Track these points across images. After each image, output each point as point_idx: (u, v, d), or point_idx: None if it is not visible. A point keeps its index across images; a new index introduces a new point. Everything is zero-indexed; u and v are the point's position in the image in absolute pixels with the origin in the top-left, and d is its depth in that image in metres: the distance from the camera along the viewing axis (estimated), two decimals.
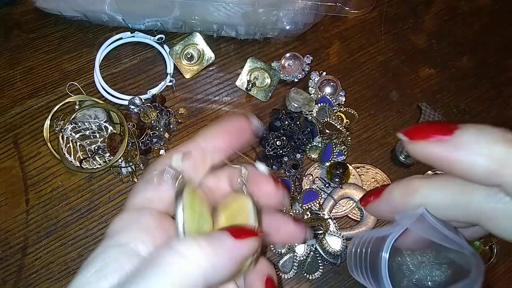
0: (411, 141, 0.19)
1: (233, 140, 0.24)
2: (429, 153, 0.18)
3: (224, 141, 0.24)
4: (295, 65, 0.53)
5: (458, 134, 0.17)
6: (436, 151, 0.18)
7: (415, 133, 0.19)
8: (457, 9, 0.62)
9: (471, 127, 0.17)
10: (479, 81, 0.58)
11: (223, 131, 0.24)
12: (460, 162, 0.17)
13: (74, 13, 0.51)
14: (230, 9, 0.47)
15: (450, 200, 0.20)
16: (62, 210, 0.47)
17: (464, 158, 0.17)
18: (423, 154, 0.19)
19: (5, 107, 0.50)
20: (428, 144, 0.18)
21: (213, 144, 0.24)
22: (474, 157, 0.17)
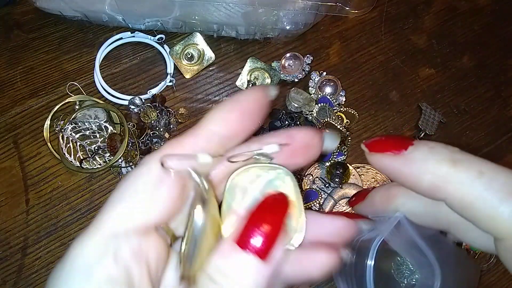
0: (370, 152, 0.21)
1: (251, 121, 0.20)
2: (383, 165, 0.20)
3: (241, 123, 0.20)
4: (295, 65, 0.53)
5: (410, 151, 0.19)
6: (389, 163, 0.20)
7: (374, 145, 0.21)
8: (457, 9, 0.62)
9: (423, 146, 0.19)
10: (479, 81, 0.58)
11: (239, 110, 0.20)
12: (409, 176, 0.19)
13: (74, 13, 0.51)
14: (230, 9, 0.47)
15: (423, 209, 0.21)
16: (62, 210, 0.47)
17: (412, 173, 0.19)
18: (379, 165, 0.20)
19: (5, 107, 0.50)
20: (383, 157, 0.20)
21: (228, 128, 0.19)
22: (421, 172, 0.18)
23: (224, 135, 0.19)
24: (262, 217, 0.17)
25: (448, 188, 0.18)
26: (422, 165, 0.18)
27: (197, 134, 0.19)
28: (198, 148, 0.19)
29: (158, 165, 0.18)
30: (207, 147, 0.19)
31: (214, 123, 0.19)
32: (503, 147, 0.55)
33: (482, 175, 0.17)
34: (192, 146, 0.19)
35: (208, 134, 0.19)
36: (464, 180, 0.17)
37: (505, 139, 0.56)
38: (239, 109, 0.20)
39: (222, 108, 0.20)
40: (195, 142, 0.19)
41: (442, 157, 0.18)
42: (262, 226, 0.17)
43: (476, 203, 0.17)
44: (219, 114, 0.19)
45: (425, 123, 0.53)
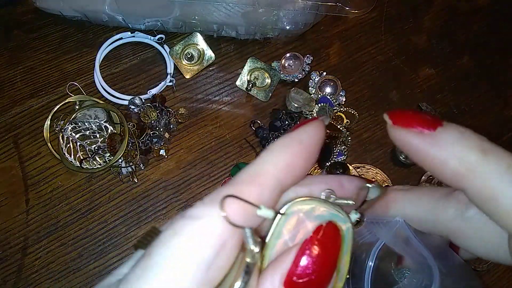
0: (393, 125, 0.19)
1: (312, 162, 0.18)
2: (407, 143, 0.18)
3: (305, 168, 0.18)
4: (295, 65, 0.53)
5: (440, 132, 0.18)
6: (415, 142, 0.18)
7: (399, 118, 0.18)
8: (457, 9, 0.62)
9: (454, 129, 0.18)
10: (479, 81, 0.58)
11: (305, 152, 0.18)
12: (433, 159, 0.18)
13: (74, 13, 0.51)
14: (230, 9, 0.47)
15: (422, 215, 0.21)
16: (62, 210, 0.47)
17: (438, 156, 0.17)
18: (402, 141, 0.18)
19: (5, 107, 0.50)
20: (408, 133, 0.18)
21: (293, 174, 0.17)
22: (447, 157, 0.17)
23: (288, 184, 0.17)
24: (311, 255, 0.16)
25: (473, 178, 0.17)
26: (450, 149, 0.17)
27: (260, 183, 0.16)
28: (262, 202, 0.16)
29: (222, 222, 0.15)
30: (270, 199, 0.16)
31: (278, 169, 0.17)
32: (503, 147, 0.55)
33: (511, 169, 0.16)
34: (256, 199, 0.16)
35: (272, 182, 0.16)
36: (492, 172, 0.16)
37: (505, 139, 0.56)
38: (304, 150, 0.18)
39: (284, 150, 0.17)
40: (260, 194, 0.16)
41: (473, 143, 0.17)
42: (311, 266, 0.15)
43: (500, 197, 0.16)
44: (282, 156, 0.17)
45: None
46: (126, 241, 0.46)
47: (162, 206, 0.48)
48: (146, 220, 0.47)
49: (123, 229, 0.47)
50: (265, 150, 0.18)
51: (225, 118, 0.52)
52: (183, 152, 0.50)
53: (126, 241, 0.46)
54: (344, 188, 0.19)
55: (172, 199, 0.48)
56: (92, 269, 0.45)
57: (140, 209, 0.48)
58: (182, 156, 0.50)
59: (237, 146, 0.51)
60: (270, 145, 0.18)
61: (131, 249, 0.46)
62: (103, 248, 0.46)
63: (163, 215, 0.48)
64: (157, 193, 0.48)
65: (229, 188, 0.16)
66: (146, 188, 0.48)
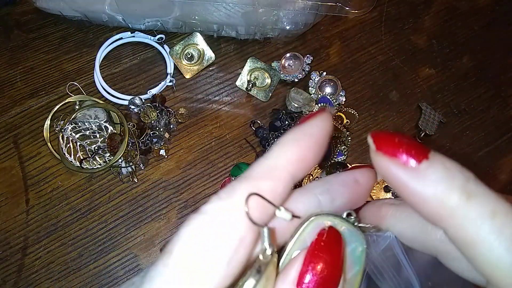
0: (377, 151, 0.17)
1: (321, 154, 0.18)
2: (389, 173, 0.17)
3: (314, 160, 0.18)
4: (295, 65, 0.53)
5: (424, 167, 0.16)
6: (397, 173, 0.17)
7: (383, 143, 0.17)
8: (457, 9, 0.62)
9: (439, 164, 0.16)
10: (479, 81, 0.58)
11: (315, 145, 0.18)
12: (414, 194, 0.17)
13: (74, 13, 0.51)
14: (230, 9, 0.47)
15: (411, 233, 0.20)
16: (62, 210, 0.47)
17: (419, 193, 0.16)
18: (384, 170, 0.17)
19: (5, 107, 0.50)
20: (390, 162, 0.17)
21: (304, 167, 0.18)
22: (429, 196, 0.16)
23: (299, 177, 0.17)
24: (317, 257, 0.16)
25: (454, 221, 0.16)
26: (432, 188, 0.16)
27: (275, 177, 0.16)
28: (276, 196, 0.16)
29: (242, 217, 0.15)
30: (284, 193, 0.17)
31: (291, 163, 0.17)
32: (503, 147, 0.55)
33: (495, 217, 0.15)
34: (272, 194, 0.16)
35: (286, 176, 0.17)
36: (473, 219, 0.15)
37: (505, 139, 0.56)
38: (315, 143, 0.18)
39: (296, 144, 0.17)
40: (275, 189, 0.16)
41: (457, 184, 0.16)
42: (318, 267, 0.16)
43: (479, 245, 0.15)
44: (294, 150, 0.17)
45: (425, 123, 0.53)
46: (126, 241, 0.46)
47: (162, 206, 0.48)
48: (146, 220, 0.47)
49: (123, 229, 0.47)
50: (276, 144, 0.18)
51: (225, 118, 0.52)
52: (183, 152, 0.50)
53: (126, 241, 0.46)
54: (359, 184, 0.20)
55: (172, 199, 0.48)
56: (92, 269, 0.45)
57: (140, 209, 0.48)
58: (182, 156, 0.50)
59: (237, 146, 0.51)
60: (281, 139, 0.18)
61: (131, 249, 0.46)
62: (103, 248, 0.46)
63: (163, 215, 0.48)
64: (157, 193, 0.48)
65: (245, 183, 0.16)
66: (146, 188, 0.48)
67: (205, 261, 0.15)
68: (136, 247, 0.46)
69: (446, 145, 0.54)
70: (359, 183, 0.20)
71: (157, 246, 0.46)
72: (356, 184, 0.20)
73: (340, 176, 0.20)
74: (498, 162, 0.55)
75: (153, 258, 0.46)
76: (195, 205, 0.48)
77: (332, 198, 0.19)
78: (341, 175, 0.20)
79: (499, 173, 0.54)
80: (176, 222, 0.47)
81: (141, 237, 0.47)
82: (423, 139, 0.53)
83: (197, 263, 0.15)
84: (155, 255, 0.46)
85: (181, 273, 0.15)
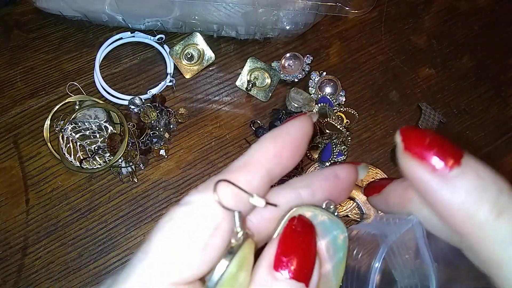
0: (405, 152, 0.17)
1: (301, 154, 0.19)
2: (416, 177, 0.16)
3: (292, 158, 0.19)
4: (295, 65, 0.53)
5: (455, 175, 0.15)
6: (425, 178, 0.16)
7: (414, 144, 0.16)
8: (457, 9, 0.62)
9: (472, 173, 0.15)
10: (479, 81, 0.58)
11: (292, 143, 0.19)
12: (440, 202, 0.16)
13: (74, 13, 0.51)
14: (230, 9, 0.47)
15: (437, 221, 0.19)
16: (62, 210, 0.47)
17: (447, 202, 0.15)
18: (409, 172, 0.17)
19: (5, 107, 0.50)
20: (419, 167, 0.16)
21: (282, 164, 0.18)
22: (457, 206, 0.15)
23: (276, 173, 0.18)
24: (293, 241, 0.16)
25: (479, 236, 0.15)
26: (461, 199, 0.15)
27: (251, 170, 0.17)
28: (252, 188, 0.17)
29: (216, 206, 0.16)
30: (259, 186, 0.17)
31: (267, 159, 0.18)
32: (503, 147, 0.55)
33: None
34: (247, 186, 0.17)
35: (262, 171, 0.17)
36: (502, 238, 0.14)
37: (505, 139, 0.56)
38: (291, 142, 0.18)
39: (273, 141, 0.18)
40: (250, 181, 0.17)
41: (488, 197, 0.15)
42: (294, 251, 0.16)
43: (505, 268, 0.14)
44: (271, 147, 0.18)
45: (425, 123, 0.53)
46: (126, 241, 0.46)
47: (162, 206, 0.48)
48: (146, 220, 0.47)
49: (123, 229, 0.47)
50: (256, 141, 0.19)
51: (225, 118, 0.52)
52: (183, 152, 0.50)
53: (126, 241, 0.46)
54: (340, 179, 0.20)
55: (172, 199, 0.48)
56: (92, 269, 0.45)
57: (140, 209, 0.48)
58: (182, 156, 0.50)
59: (237, 146, 0.51)
60: (261, 137, 0.19)
61: (131, 249, 0.46)
62: (103, 248, 0.46)
63: (163, 215, 0.47)
64: (157, 193, 0.48)
65: (222, 175, 0.17)
66: (146, 188, 0.48)
67: (182, 247, 0.15)
68: (136, 247, 0.46)
69: None
70: (340, 178, 0.20)
71: None
72: (337, 179, 0.20)
73: (321, 172, 0.20)
74: (498, 162, 0.55)
75: None
76: None
77: (313, 192, 0.19)
78: (322, 171, 0.20)
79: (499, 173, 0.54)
80: None
81: (141, 237, 0.47)
82: None
83: (174, 249, 0.15)
84: None
85: (159, 259, 0.15)
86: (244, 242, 0.16)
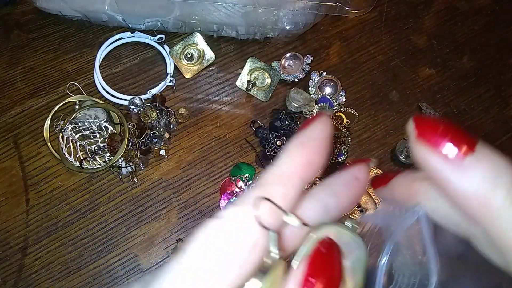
0: (418, 139, 0.16)
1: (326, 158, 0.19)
2: (429, 164, 0.16)
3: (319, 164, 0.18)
4: (295, 65, 0.53)
5: (469, 162, 0.15)
6: (438, 166, 0.16)
7: (427, 131, 0.16)
8: (457, 9, 0.62)
9: (486, 160, 0.15)
10: (479, 81, 0.58)
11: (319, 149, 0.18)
12: (455, 189, 0.16)
13: (74, 13, 0.51)
14: (230, 9, 0.47)
15: (445, 212, 0.19)
16: (62, 210, 0.47)
17: (460, 189, 0.15)
18: (422, 160, 0.16)
19: (5, 107, 0.50)
20: (432, 154, 0.16)
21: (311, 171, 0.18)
22: (471, 193, 0.15)
23: (308, 180, 0.18)
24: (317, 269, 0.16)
25: (496, 223, 0.15)
26: (476, 186, 0.15)
27: (286, 183, 0.17)
28: (288, 201, 0.17)
29: (255, 224, 0.15)
30: (294, 198, 0.17)
31: (299, 168, 0.17)
32: (503, 147, 0.55)
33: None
34: (284, 199, 0.16)
35: (296, 182, 0.17)
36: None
37: (505, 139, 0.56)
38: (319, 146, 0.18)
39: (302, 148, 0.18)
40: (286, 194, 0.17)
41: (503, 182, 0.15)
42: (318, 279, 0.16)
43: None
44: (301, 155, 0.17)
45: None
46: (126, 241, 0.46)
47: (162, 206, 0.48)
48: (146, 220, 0.47)
49: (123, 229, 0.47)
50: (283, 151, 0.18)
51: (225, 118, 0.52)
52: (183, 152, 0.50)
53: (126, 241, 0.46)
54: (359, 181, 0.20)
55: (172, 199, 0.48)
56: (92, 269, 0.45)
57: (140, 209, 0.48)
58: (182, 156, 0.50)
59: (237, 146, 0.51)
60: (287, 146, 0.18)
61: (131, 249, 0.46)
62: (103, 248, 0.46)
63: (163, 215, 0.48)
64: (157, 193, 0.48)
65: (257, 190, 0.16)
66: (146, 188, 0.48)
67: (218, 261, 0.15)
68: (136, 247, 0.46)
69: None
70: (359, 180, 0.20)
71: (157, 246, 0.47)
72: (357, 182, 0.20)
73: (341, 177, 0.20)
74: None
75: (153, 258, 0.46)
76: (195, 205, 0.48)
77: (338, 200, 0.19)
78: (341, 176, 0.20)
79: None
80: (176, 222, 0.47)
81: (141, 237, 0.47)
82: None
83: (210, 263, 0.15)
84: (155, 255, 0.46)
85: (193, 271, 0.15)
86: (277, 261, 0.16)
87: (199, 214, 0.48)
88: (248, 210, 0.16)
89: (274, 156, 0.49)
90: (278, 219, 0.16)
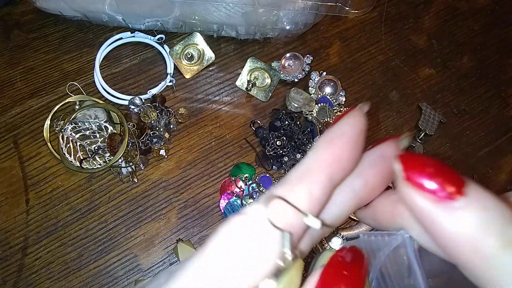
0: (405, 181, 0.16)
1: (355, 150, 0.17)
2: (417, 206, 0.16)
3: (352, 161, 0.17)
4: (295, 65, 0.53)
5: (459, 205, 0.15)
6: (426, 208, 0.15)
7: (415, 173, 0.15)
8: (457, 9, 0.62)
9: (476, 204, 0.15)
10: (479, 81, 0.58)
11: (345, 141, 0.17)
12: (443, 233, 0.15)
13: (74, 13, 0.51)
14: (230, 9, 0.47)
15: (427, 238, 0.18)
16: (62, 210, 0.47)
17: (449, 232, 0.15)
18: (409, 201, 0.16)
19: (5, 107, 0.50)
20: (421, 196, 0.15)
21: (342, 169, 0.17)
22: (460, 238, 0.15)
23: (338, 178, 0.17)
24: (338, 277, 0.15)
25: (485, 269, 0.14)
26: (465, 230, 0.14)
27: (310, 180, 0.16)
28: (313, 198, 0.16)
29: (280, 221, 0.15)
30: (320, 196, 0.16)
31: (326, 165, 0.16)
32: (503, 147, 0.55)
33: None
34: (308, 196, 0.16)
35: (322, 178, 0.16)
36: (507, 270, 0.14)
37: (505, 139, 0.56)
38: (348, 142, 0.17)
39: (329, 145, 0.17)
40: (310, 190, 0.16)
41: (495, 228, 0.14)
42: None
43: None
44: (328, 151, 0.17)
45: (425, 123, 0.53)
46: (126, 241, 0.46)
47: (162, 206, 0.48)
48: (146, 220, 0.47)
49: (123, 229, 0.47)
50: (311, 149, 0.17)
51: (225, 118, 0.52)
52: (183, 152, 0.50)
53: (126, 241, 0.46)
54: (387, 158, 0.18)
55: (172, 199, 0.48)
56: (92, 269, 0.45)
57: (140, 209, 0.48)
58: (182, 156, 0.50)
59: (237, 146, 0.51)
60: (316, 143, 0.18)
61: (131, 249, 0.46)
62: (103, 248, 0.46)
63: (163, 215, 0.48)
64: (157, 193, 0.48)
65: (280, 188, 0.16)
66: (146, 188, 0.48)
67: (240, 257, 0.15)
68: (136, 247, 0.46)
69: (446, 145, 0.54)
70: (387, 157, 0.19)
71: (157, 246, 0.47)
72: (384, 160, 0.19)
73: (367, 157, 0.19)
74: (498, 162, 0.55)
75: (153, 258, 0.46)
76: (195, 205, 0.48)
77: (365, 181, 0.18)
78: (367, 156, 0.19)
79: (499, 173, 0.54)
80: (176, 222, 0.47)
81: (141, 237, 0.47)
82: (423, 139, 0.53)
83: (232, 258, 0.15)
84: (155, 255, 0.46)
85: (216, 266, 0.15)
86: (294, 262, 0.15)
87: (199, 214, 0.48)
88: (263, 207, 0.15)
89: (274, 156, 0.49)
90: (298, 218, 0.16)
